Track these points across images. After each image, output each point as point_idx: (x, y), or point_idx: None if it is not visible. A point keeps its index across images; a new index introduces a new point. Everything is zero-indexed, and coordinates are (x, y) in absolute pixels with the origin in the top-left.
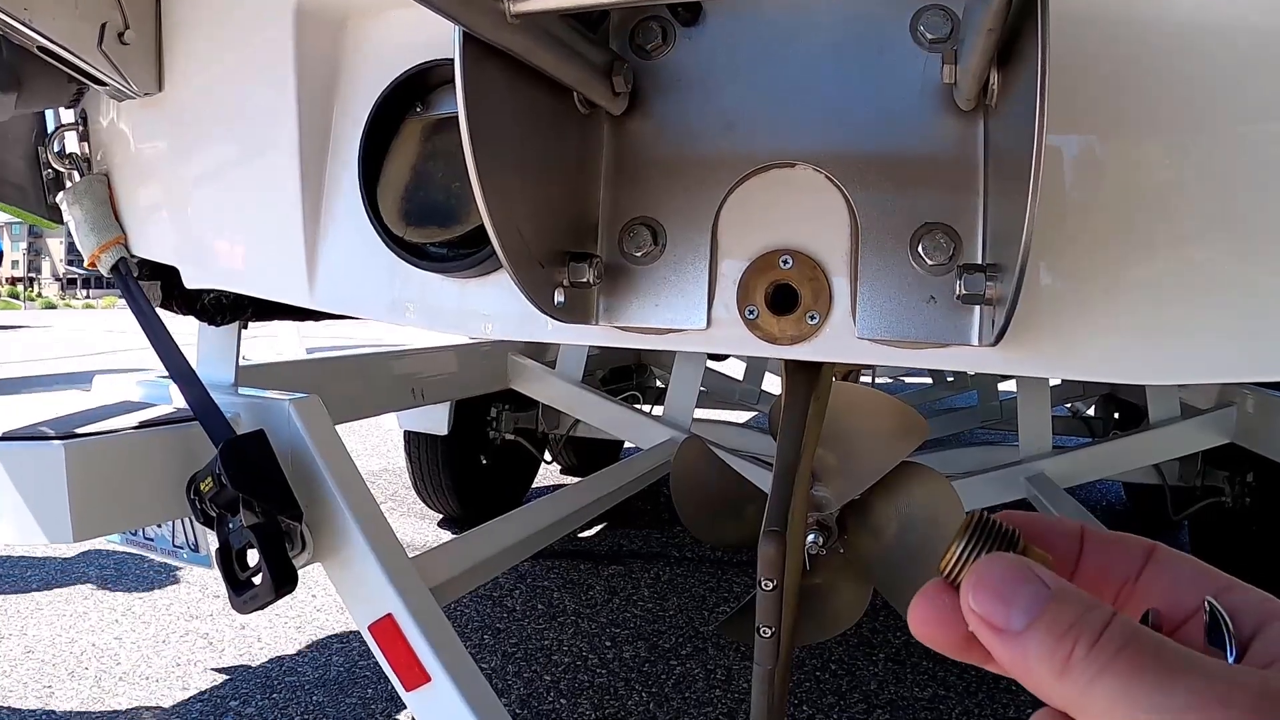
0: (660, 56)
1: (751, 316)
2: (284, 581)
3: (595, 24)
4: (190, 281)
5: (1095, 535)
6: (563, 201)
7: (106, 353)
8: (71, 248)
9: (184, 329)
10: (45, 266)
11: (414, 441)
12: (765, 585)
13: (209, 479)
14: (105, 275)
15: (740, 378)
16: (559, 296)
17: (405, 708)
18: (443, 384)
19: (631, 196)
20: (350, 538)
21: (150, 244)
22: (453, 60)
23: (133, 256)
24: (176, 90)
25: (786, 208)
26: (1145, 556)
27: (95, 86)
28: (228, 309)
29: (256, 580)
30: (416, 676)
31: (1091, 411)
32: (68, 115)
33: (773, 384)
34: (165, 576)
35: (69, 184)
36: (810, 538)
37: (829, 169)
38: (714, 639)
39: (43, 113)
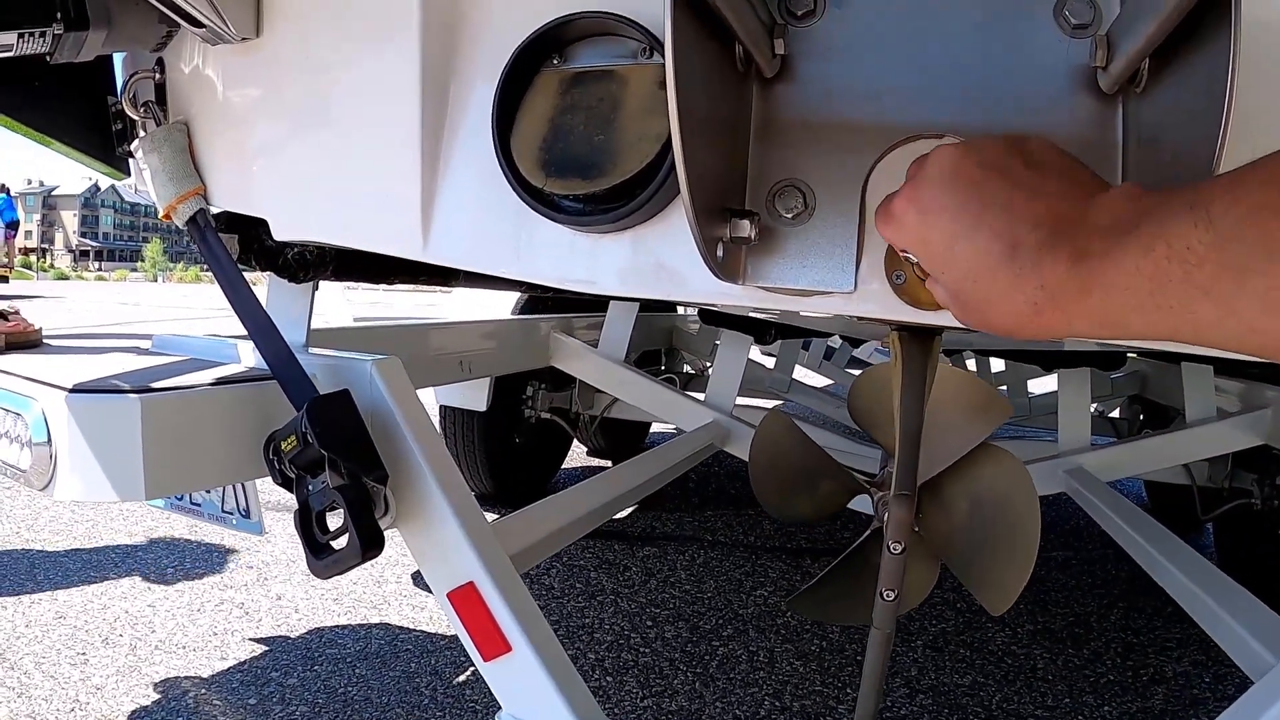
0: (810, 23)
1: (899, 281)
2: (371, 545)
3: None
4: (281, 234)
5: None
6: (722, 158)
7: (136, 322)
8: (86, 220)
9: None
10: (58, 238)
11: (450, 416)
12: (894, 548)
13: (291, 438)
14: (181, 226)
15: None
16: (719, 252)
17: (450, 682)
18: (489, 358)
19: (780, 158)
20: (432, 502)
21: (235, 195)
22: (594, 14)
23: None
24: (276, 35)
25: None
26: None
27: (190, 29)
28: (311, 265)
29: (337, 544)
30: (496, 646)
31: (1117, 413)
32: (142, 62)
33: (802, 374)
34: (196, 544)
35: (142, 133)
36: (886, 515)
37: None
38: (754, 622)
39: (111, 60)
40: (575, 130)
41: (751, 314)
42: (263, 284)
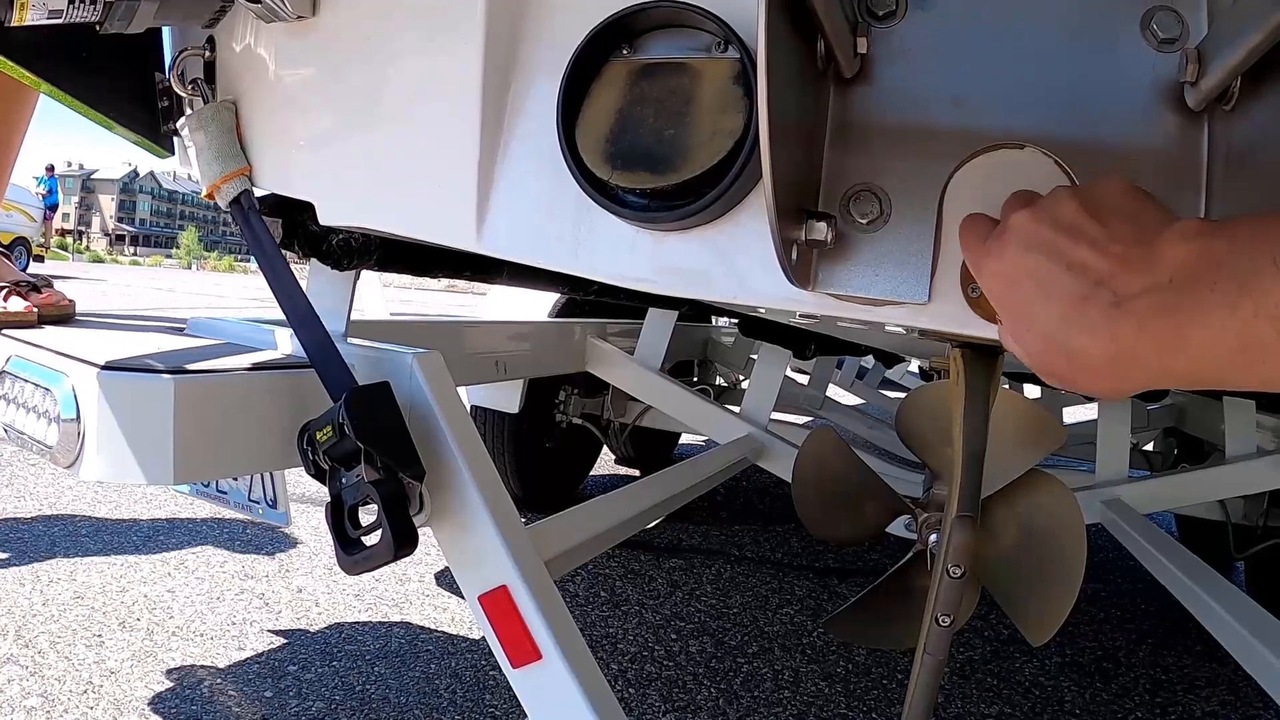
0: (890, 25)
1: (974, 295)
2: (404, 542)
3: None
4: (326, 219)
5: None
6: (800, 159)
7: (170, 308)
8: (124, 204)
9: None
10: (95, 221)
11: (481, 418)
12: (953, 572)
13: (327, 428)
14: (224, 208)
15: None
16: (793, 255)
17: (469, 685)
18: (524, 360)
19: (855, 162)
20: (468, 502)
21: (281, 177)
22: (669, 4)
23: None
24: (332, 15)
25: (1014, 187)
26: None
27: (245, 4)
28: (356, 252)
29: (368, 540)
30: (526, 654)
31: (1151, 446)
32: (192, 38)
33: (835, 392)
34: (218, 532)
35: (189, 110)
36: (932, 538)
37: (1057, 154)
38: (780, 640)
39: (159, 39)
40: (644, 123)
41: (793, 324)
42: (303, 274)
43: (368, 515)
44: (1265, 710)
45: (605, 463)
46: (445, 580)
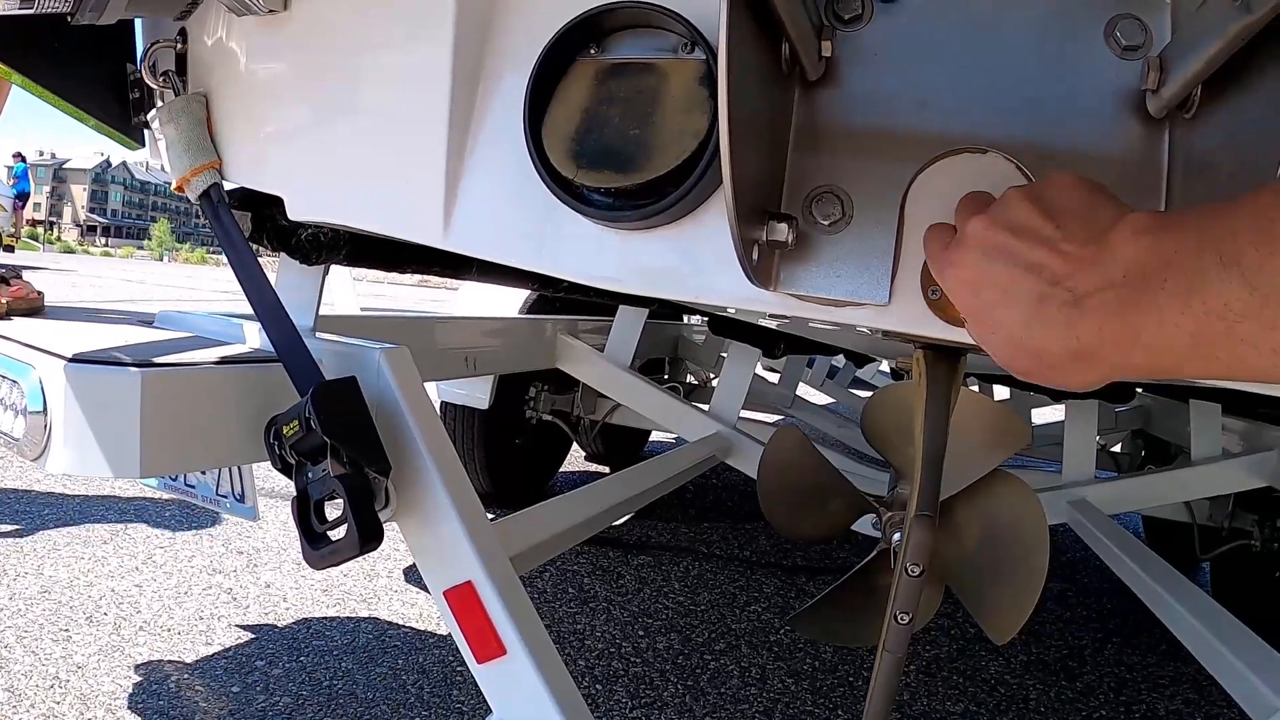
0: (856, 29)
1: (934, 297)
2: (370, 537)
3: None
4: (295, 213)
5: None
6: (763, 160)
7: (140, 300)
8: (96, 195)
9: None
10: (66, 212)
11: (451, 414)
12: (912, 570)
13: (293, 423)
14: (193, 201)
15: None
16: (754, 255)
17: (437, 681)
18: (494, 356)
19: (819, 164)
20: (434, 498)
21: (250, 171)
22: (636, 5)
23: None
24: (304, 10)
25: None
26: None
27: None
28: (325, 247)
29: (334, 534)
30: (491, 649)
31: (1119, 447)
32: (164, 30)
33: (804, 391)
34: (186, 526)
35: (160, 103)
36: (896, 536)
37: (1019, 158)
38: (747, 637)
39: (133, 27)
40: (610, 122)
41: (762, 325)
42: (273, 268)
43: (334, 510)
44: (1228, 709)
45: (576, 460)
46: (414, 576)
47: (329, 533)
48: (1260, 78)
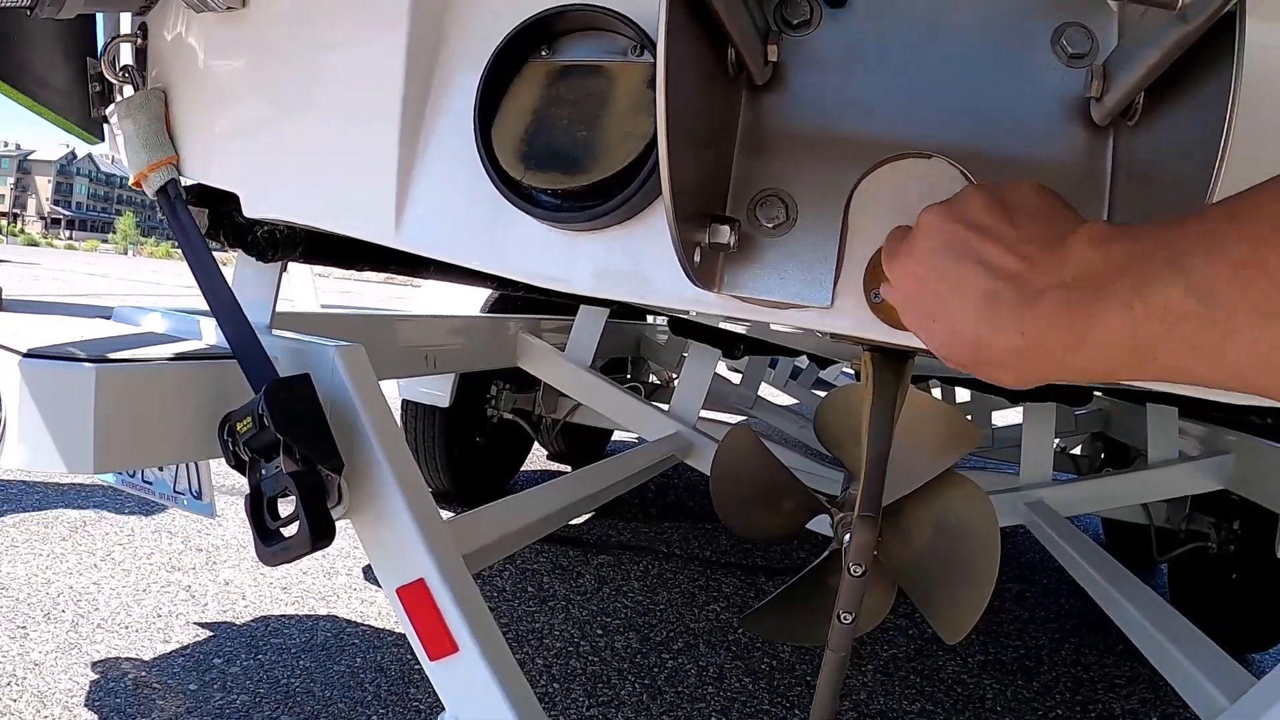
0: (804, 34)
1: (876, 300)
2: (322, 534)
3: None
4: (251, 211)
5: None
6: (707, 163)
7: (103, 294)
8: (60, 187)
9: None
10: (30, 204)
11: (412, 411)
12: (854, 570)
13: (247, 419)
14: (150, 196)
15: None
16: (696, 258)
17: (395, 679)
18: (455, 354)
19: (764, 167)
20: (388, 495)
21: (207, 168)
22: (587, 7)
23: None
24: (263, 7)
25: (919, 197)
26: None
27: None
28: (280, 244)
29: (287, 531)
30: (443, 646)
31: (1079, 450)
32: (125, 24)
33: (767, 392)
34: (145, 524)
35: (119, 97)
36: (847, 536)
37: (963, 163)
38: (705, 636)
39: (93, 24)
40: (559, 124)
41: (721, 327)
42: (231, 263)
43: (287, 506)
44: (1183, 709)
45: (538, 459)
46: (372, 574)
47: (282, 529)
48: (1199, 86)
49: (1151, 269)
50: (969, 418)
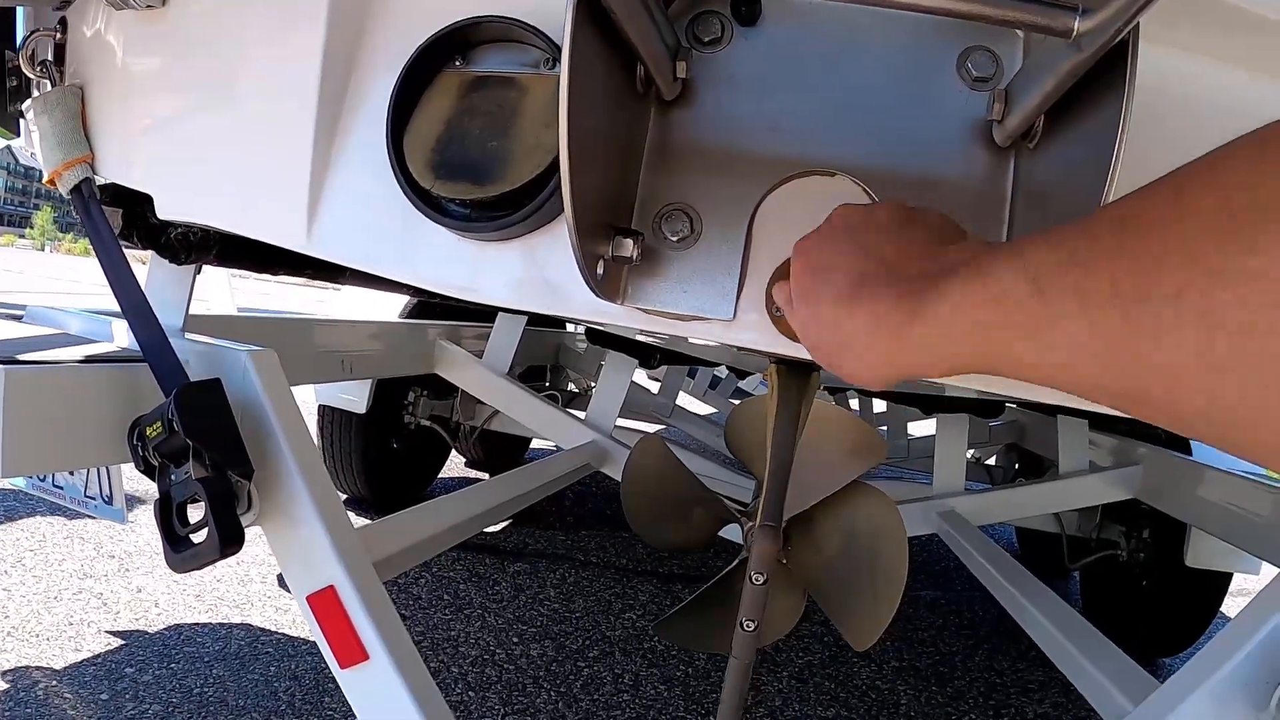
0: (715, 51)
1: (778, 314)
2: (230, 541)
3: (666, 5)
4: (164, 212)
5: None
6: (612, 177)
7: (17, 291)
8: None
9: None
10: None
11: (329, 417)
12: (756, 579)
13: (157, 424)
14: (64, 195)
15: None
16: (599, 270)
17: (309, 687)
18: (372, 360)
19: (670, 182)
20: (298, 502)
21: (122, 168)
22: (501, 19)
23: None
24: (183, 6)
25: (823, 213)
26: None
27: None
28: (194, 247)
29: (196, 537)
30: (354, 654)
31: (993, 460)
32: (44, 19)
33: (685, 401)
34: (57, 529)
35: (36, 93)
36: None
37: (867, 182)
38: (621, 644)
39: (13, 16)
40: (470, 134)
41: (638, 338)
42: (147, 263)
43: (197, 512)
44: (1095, 712)
45: (457, 466)
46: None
47: (191, 535)
48: (1094, 111)
49: (997, 256)
50: (884, 428)
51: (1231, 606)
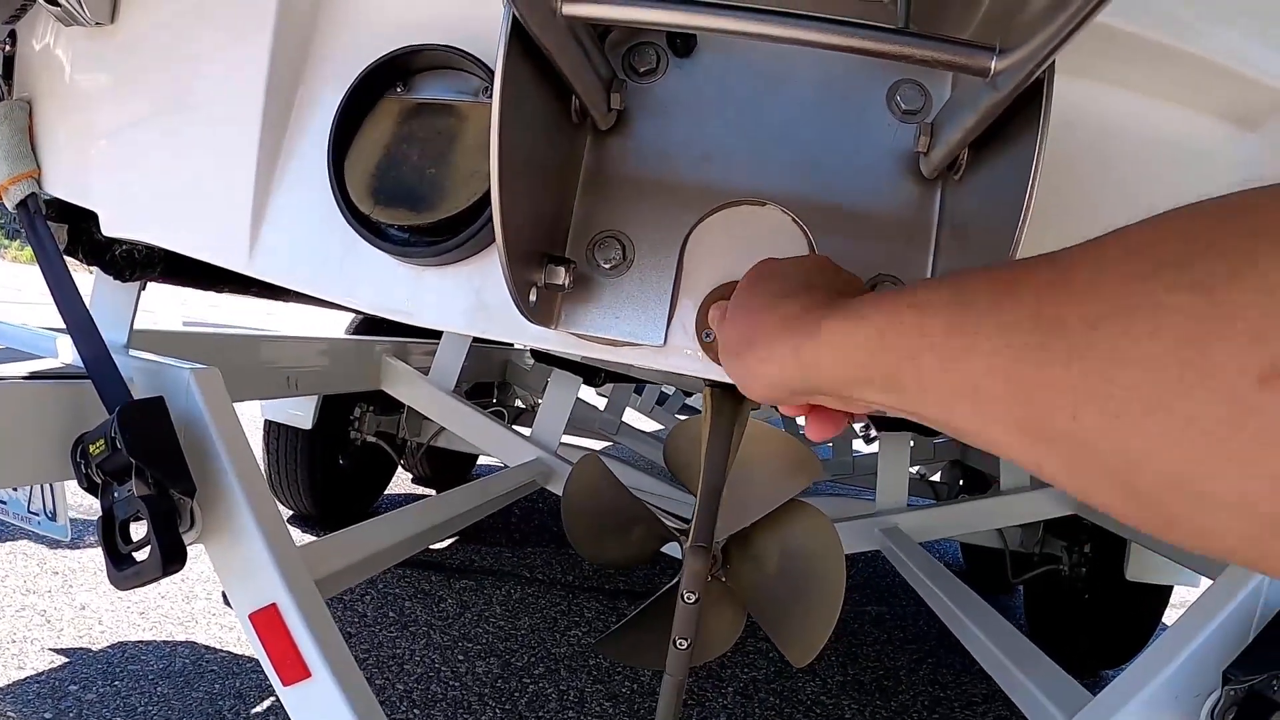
0: (650, 81)
1: (708, 339)
2: (173, 559)
3: (602, 36)
4: (109, 229)
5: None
6: (546, 205)
7: None
8: None
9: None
10: None
11: (274, 433)
12: (688, 598)
13: (100, 441)
14: (10, 209)
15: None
16: (532, 297)
17: (253, 705)
18: (317, 376)
19: (604, 210)
20: (240, 520)
21: (68, 184)
22: (441, 47)
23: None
24: (131, 24)
25: (752, 242)
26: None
27: (45, 5)
28: (139, 264)
29: (139, 555)
30: (296, 671)
31: (938, 477)
32: None
33: (631, 417)
34: (0, 545)
35: None
36: None
37: (796, 212)
38: (566, 661)
39: None
40: (409, 160)
41: (579, 358)
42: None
43: (140, 530)
44: None
45: (404, 482)
46: None
47: (134, 553)
48: (1013, 146)
49: (899, 293)
50: (829, 444)
51: (1173, 619)
